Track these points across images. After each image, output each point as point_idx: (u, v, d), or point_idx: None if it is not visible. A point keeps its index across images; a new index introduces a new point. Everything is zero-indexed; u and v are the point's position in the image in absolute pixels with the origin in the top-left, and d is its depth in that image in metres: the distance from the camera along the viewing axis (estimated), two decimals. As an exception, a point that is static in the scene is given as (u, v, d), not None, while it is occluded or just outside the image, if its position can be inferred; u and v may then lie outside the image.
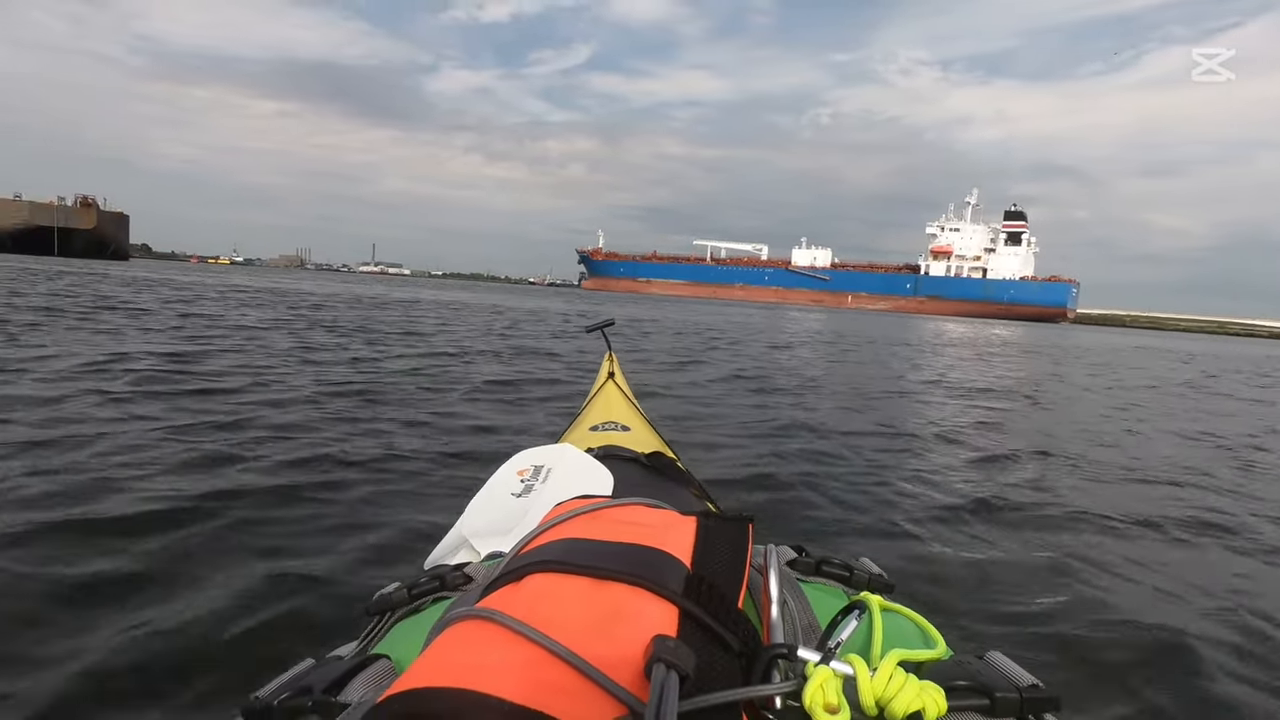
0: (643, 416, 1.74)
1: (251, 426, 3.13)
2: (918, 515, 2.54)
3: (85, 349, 5.11)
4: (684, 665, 0.36)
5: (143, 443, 2.73)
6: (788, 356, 9.42)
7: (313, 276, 65.26)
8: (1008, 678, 0.46)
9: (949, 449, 3.90)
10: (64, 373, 4.15)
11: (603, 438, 1.41)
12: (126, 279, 18.51)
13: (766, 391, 5.73)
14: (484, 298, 27.26)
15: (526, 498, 0.91)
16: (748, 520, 0.57)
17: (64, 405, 3.28)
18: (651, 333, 12.36)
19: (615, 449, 1.25)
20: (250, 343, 6.44)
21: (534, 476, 0.96)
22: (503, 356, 6.92)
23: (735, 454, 3.35)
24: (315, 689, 0.45)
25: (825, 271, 74.99)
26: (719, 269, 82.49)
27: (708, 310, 29.33)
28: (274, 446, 2.83)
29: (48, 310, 8.09)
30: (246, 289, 18.54)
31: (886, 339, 16.14)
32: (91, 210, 64.53)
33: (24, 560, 1.67)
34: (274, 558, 1.80)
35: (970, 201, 70.86)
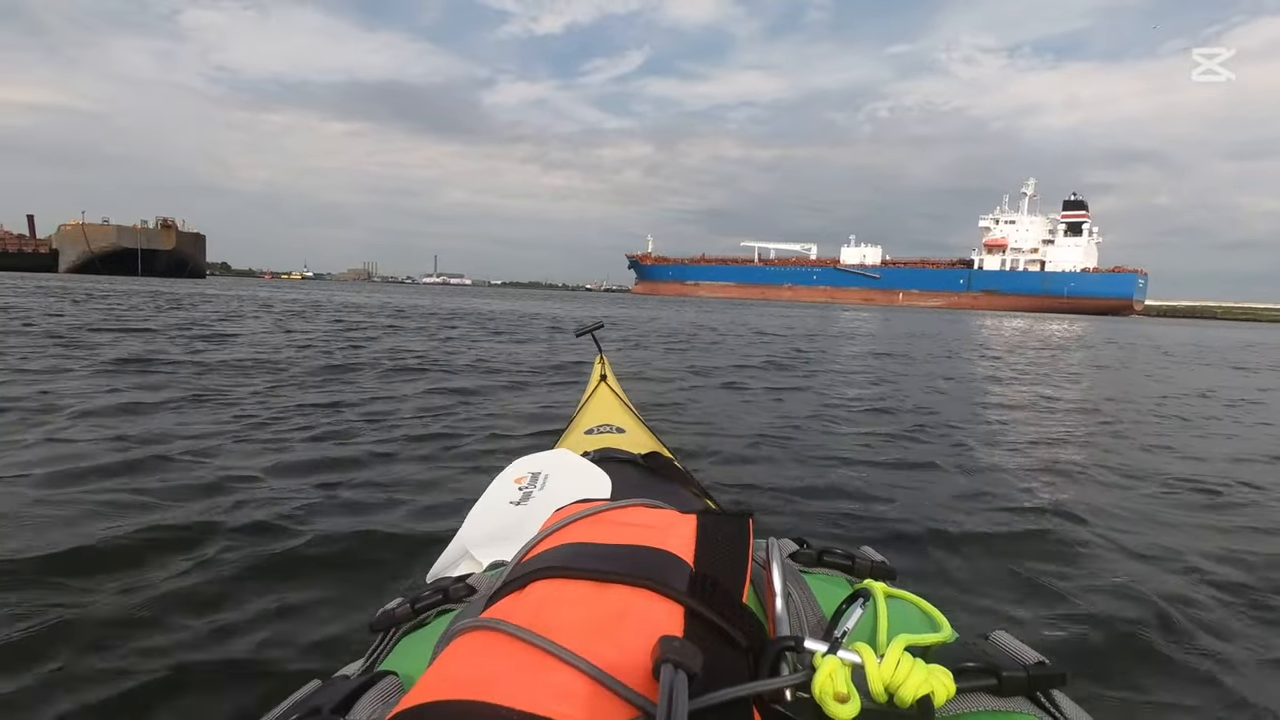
0: (637, 417, 1.74)
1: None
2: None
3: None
4: (692, 664, 0.36)
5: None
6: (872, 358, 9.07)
7: (384, 289, 66.88)
8: (1014, 656, 0.46)
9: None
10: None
11: (598, 441, 1.41)
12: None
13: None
14: (551, 307, 27.00)
15: (525, 505, 0.91)
16: (748, 515, 0.57)
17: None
18: (719, 341, 11.33)
19: (612, 451, 1.25)
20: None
21: (532, 483, 0.96)
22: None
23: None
24: (323, 710, 0.45)
25: (875, 269, 73.95)
26: (767, 270, 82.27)
27: (759, 312, 28.69)
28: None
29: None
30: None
31: (945, 337, 15.41)
32: (171, 231, 68.64)
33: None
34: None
35: (1027, 192, 68.91)
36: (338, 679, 0.52)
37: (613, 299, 54.83)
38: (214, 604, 1.62)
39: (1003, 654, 0.46)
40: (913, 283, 71.65)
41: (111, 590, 1.66)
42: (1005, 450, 3.72)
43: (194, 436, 3.17)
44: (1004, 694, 0.43)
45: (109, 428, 3.25)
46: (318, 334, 9.25)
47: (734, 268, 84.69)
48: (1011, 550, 2.16)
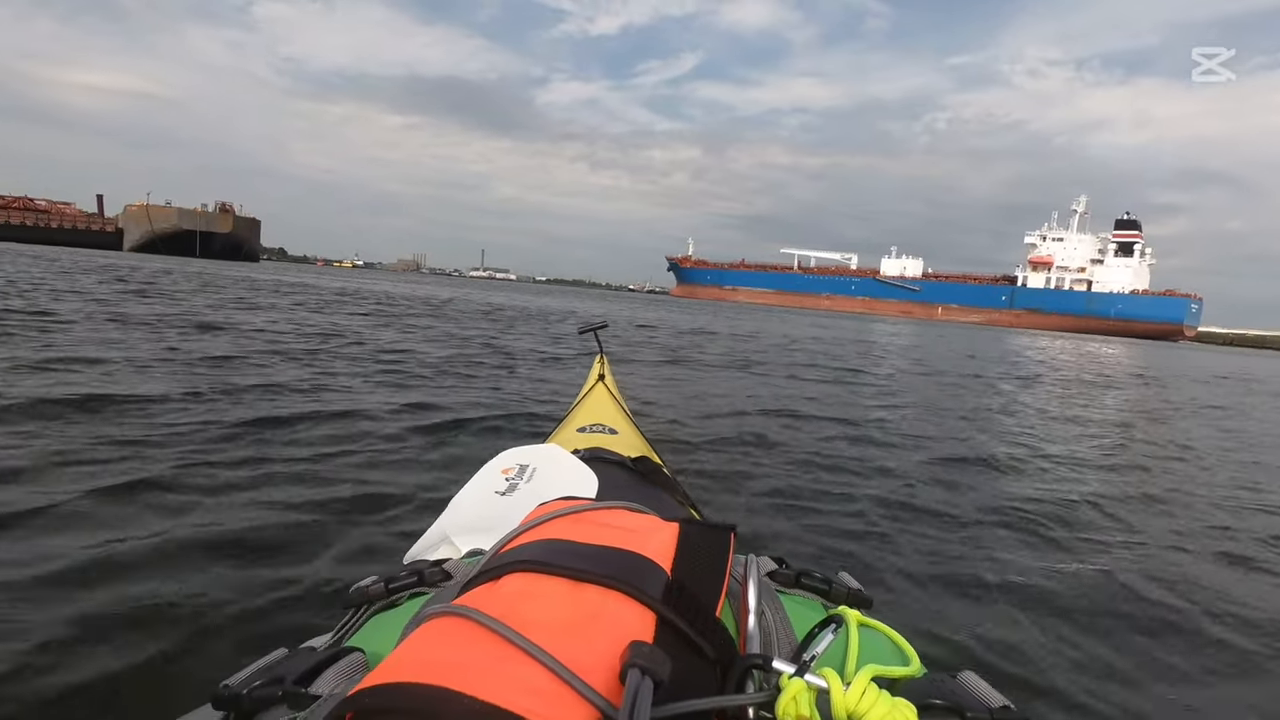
0: (631, 420, 1.74)
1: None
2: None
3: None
4: (659, 672, 0.37)
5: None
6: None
7: (434, 280, 67.68)
8: (980, 698, 0.46)
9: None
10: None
11: (590, 440, 1.41)
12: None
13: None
14: (605, 307, 26.25)
15: (510, 496, 0.91)
16: (730, 529, 0.57)
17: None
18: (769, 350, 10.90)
19: (601, 451, 1.24)
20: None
21: (519, 475, 0.96)
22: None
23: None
24: (287, 679, 0.45)
25: (915, 282, 73.02)
26: (806, 278, 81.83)
27: (798, 321, 27.79)
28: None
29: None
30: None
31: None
32: (229, 216, 71.37)
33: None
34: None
35: (1077, 209, 67.33)
36: (304, 650, 0.53)
37: (648, 301, 54.54)
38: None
39: (969, 695, 0.46)
40: (953, 297, 70.56)
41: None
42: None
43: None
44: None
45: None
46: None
47: (772, 274, 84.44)
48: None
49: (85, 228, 74.29)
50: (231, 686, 0.47)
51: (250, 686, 0.46)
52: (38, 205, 76.95)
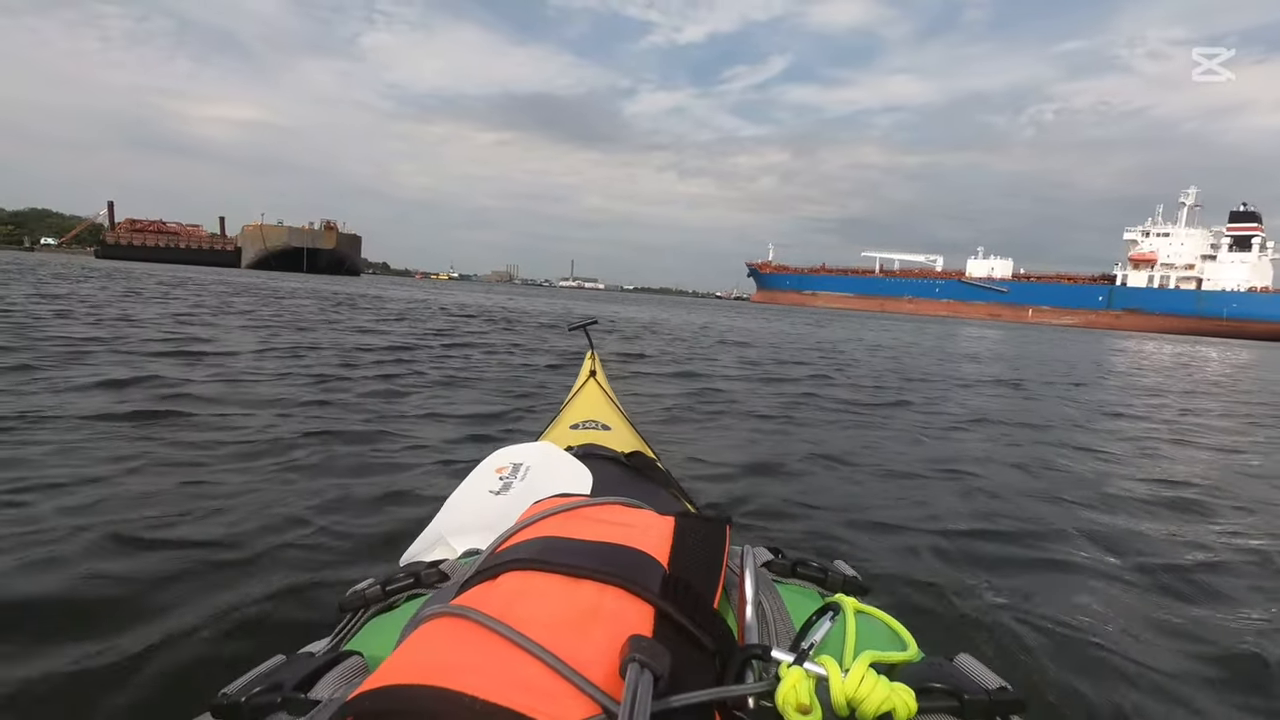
0: (623, 415, 1.74)
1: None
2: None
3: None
4: (659, 665, 0.37)
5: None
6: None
7: (526, 291, 68.84)
8: (977, 680, 0.47)
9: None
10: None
11: (583, 436, 1.41)
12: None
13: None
14: (695, 316, 24.76)
15: (505, 495, 0.91)
16: (725, 521, 0.58)
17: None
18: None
19: (595, 448, 1.24)
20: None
21: (513, 474, 0.95)
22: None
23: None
24: (285, 685, 0.45)
25: (1003, 283, 70.10)
26: (887, 281, 80.00)
27: (869, 325, 26.24)
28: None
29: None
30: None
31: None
32: (333, 233, 76.58)
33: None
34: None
35: (1185, 202, 62.84)
36: (302, 655, 0.54)
37: (723, 307, 53.67)
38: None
39: (966, 677, 0.47)
40: (1045, 298, 67.13)
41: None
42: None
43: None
44: (965, 716, 0.44)
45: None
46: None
47: (853, 278, 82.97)
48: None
49: (209, 247, 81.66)
50: (230, 694, 0.48)
51: (249, 694, 0.46)
52: (170, 228, 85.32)
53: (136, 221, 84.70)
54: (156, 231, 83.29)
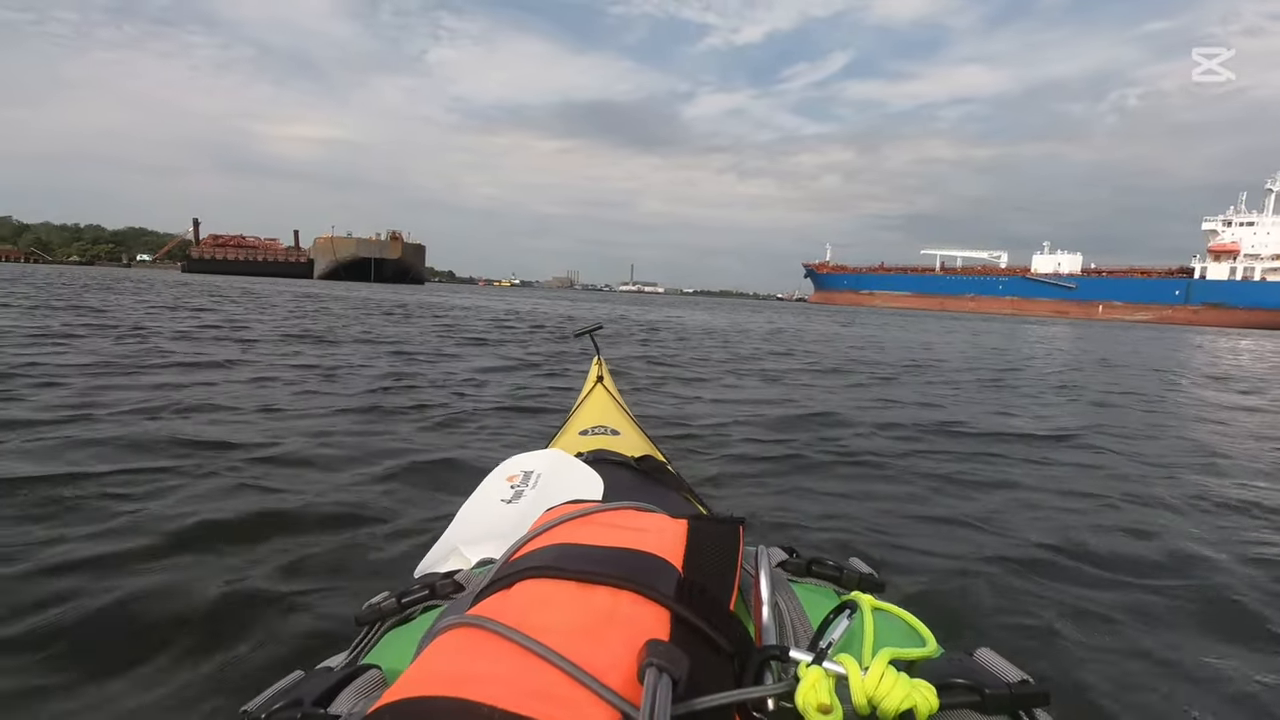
0: (632, 420, 1.74)
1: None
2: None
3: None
4: (676, 669, 0.37)
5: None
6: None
7: (587, 297, 69.14)
8: (998, 674, 0.46)
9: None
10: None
11: (592, 442, 1.42)
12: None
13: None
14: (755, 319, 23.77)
15: (516, 504, 0.91)
16: (738, 522, 0.58)
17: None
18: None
19: (605, 453, 1.24)
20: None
21: (524, 482, 0.95)
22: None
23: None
24: (305, 701, 0.45)
25: (1070, 279, 67.34)
26: (947, 279, 77.92)
27: (926, 326, 24.51)
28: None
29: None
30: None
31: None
32: (398, 243, 79.66)
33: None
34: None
35: (1273, 188, 59.18)
36: (321, 670, 0.53)
37: (780, 308, 52.41)
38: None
39: (987, 671, 0.47)
40: (1117, 293, 64.07)
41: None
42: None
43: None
44: (987, 711, 0.43)
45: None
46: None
47: (912, 276, 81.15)
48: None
49: (284, 260, 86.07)
50: (250, 712, 0.48)
51: (269, 710, 0.46)
52: (249, 242, 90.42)
53: (219, 237, 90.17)
54: (236, 246, 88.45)
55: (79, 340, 6.67)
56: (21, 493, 2.20)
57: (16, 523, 1.99)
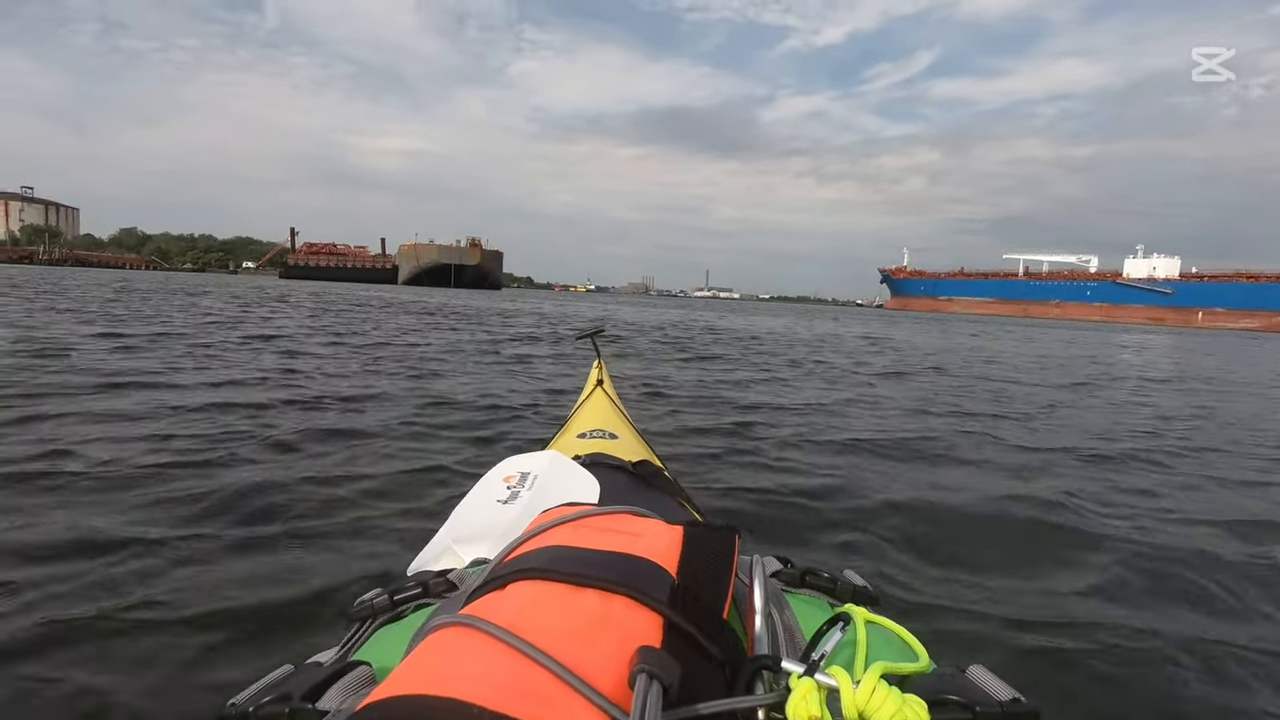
0: (630, 424, 1.75)
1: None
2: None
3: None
4: (668, 676, 0.37)
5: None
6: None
7: (662, 302, 69.62)
8: (989, 692, 0.46)
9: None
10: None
11: (590, 445, 1.41)
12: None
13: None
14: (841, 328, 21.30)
15: (512, 505, 0.90)
16: (734, 531, 0.58)
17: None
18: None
19: (603, 457, 1.24)
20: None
21: (520, 483, 0.95)
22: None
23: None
24: (293, 696, 0.45)
25: (1167, 283, 63.46)
26: (1031, 284, 74.90)
27: (994, 334, 22.13)
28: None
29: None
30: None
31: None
32: (477, 249, 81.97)
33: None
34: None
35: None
36: (310, 665, 0.53)
37: (863, 315, 49.82)
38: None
39: (978, 689, 0.47)
40: (1219, 299, 60.08)
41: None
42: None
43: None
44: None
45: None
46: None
47: (993, 282, 78.20)
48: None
49: (371, 266, 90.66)
50: (238, 705, 0.48)
51: (257, 704, 0.46)
52: (339, 249, 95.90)
53: (313, 245, 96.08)
54: (328, 253, 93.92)
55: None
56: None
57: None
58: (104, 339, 6.76)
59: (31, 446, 2.71)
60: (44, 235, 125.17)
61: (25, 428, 3.04)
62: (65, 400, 3.65)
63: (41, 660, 1.34)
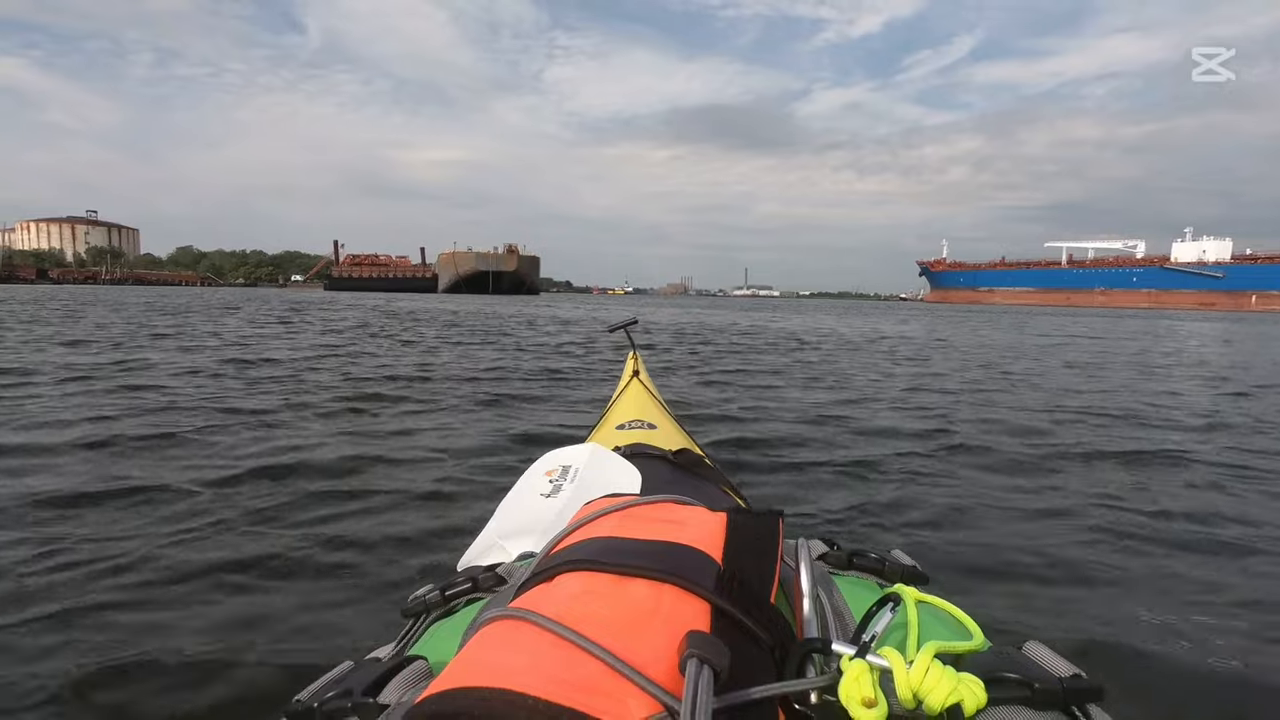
0: (668, 413, 1.75)
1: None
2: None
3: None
4: (718, 661, 0.37)
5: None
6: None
7: (700, 303, 68.39)
8: (1048, 668, 0.45)
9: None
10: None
11: (629, 436, 1.42)
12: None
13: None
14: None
15: (555, 498, 0.91)
16: (778, 515, 0.57)
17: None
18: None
19: (642, 447, 1.24)
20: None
21: (562, 477, 0.95)
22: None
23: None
24: (355, 691, 0.46)
25: (1218, 267, 61.10)
26: (1073, 273, 73.09)
27: (1028, 325, 20.71)
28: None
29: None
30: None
31: None
32: (514, 255, 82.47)
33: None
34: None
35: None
36: (369, 661, 0.54)
37: (896, 309, 48.16)
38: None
39: (1036, 665, 0.46)
40: (1274, 282, 57.70)
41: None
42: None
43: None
44: (1037, 706, 0.42)
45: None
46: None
47: (1034, 271, 76.42)
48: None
49: (412, 275, 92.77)
50: (303, 700, 0.49)
51: (321, 700, 0.48)
52: (381, 260, 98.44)
53: (356, 256, 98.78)
54: (370, 264, 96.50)
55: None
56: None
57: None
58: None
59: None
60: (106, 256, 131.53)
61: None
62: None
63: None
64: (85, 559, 1.86)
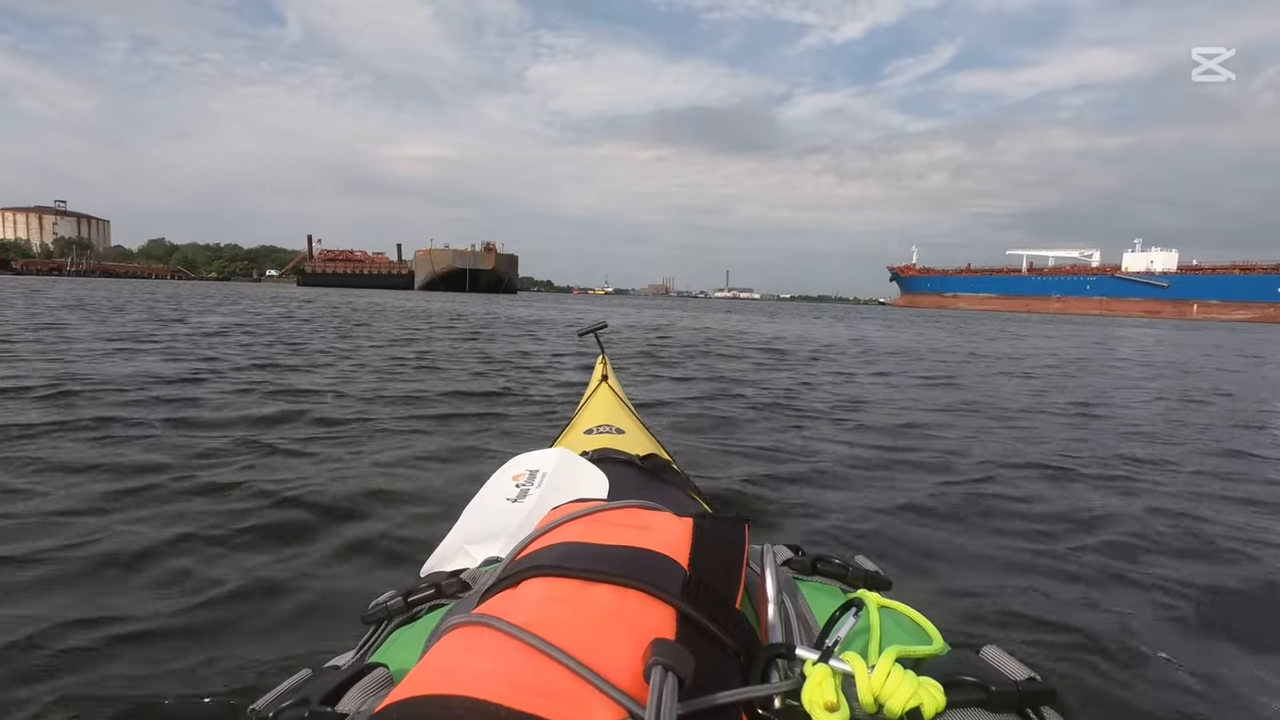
0: (637, 419, 1.74)
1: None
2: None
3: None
4: (682, 668, 0.37)
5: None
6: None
7: (680, 304, 67.91)
8: (1005, 671, 0.46)
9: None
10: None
11: (597, 441, 1.41)
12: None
13: None
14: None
15: (522, 503, 0.91)
16: (744, 521, 0.58)
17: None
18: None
19: (610, 452, 1.24)
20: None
21: (529, 481, 0.95)
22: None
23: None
24: (312, 700, 0.45)
25: (1164, 277, 64.12)
26: (1032, 280, 76.02)
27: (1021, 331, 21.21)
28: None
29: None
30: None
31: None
32: (492, 254, 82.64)
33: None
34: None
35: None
36: (328, 669, 0.54)
37: (864, 313, 48.39)
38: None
39: (993, 669, 0.47)
40: (1214, 292, 60.64)
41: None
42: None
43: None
44: (993, 709, 0.43)
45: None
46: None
47: (996, 278, 79.23)
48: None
49: (388, 272, 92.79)
50: (259, 710, 0.48)
51: (277, 709, 0.47)
52: (356, 256, 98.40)
53: (330, 252, 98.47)
54: (345, 260, 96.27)
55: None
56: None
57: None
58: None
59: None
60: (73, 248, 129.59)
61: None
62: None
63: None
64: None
